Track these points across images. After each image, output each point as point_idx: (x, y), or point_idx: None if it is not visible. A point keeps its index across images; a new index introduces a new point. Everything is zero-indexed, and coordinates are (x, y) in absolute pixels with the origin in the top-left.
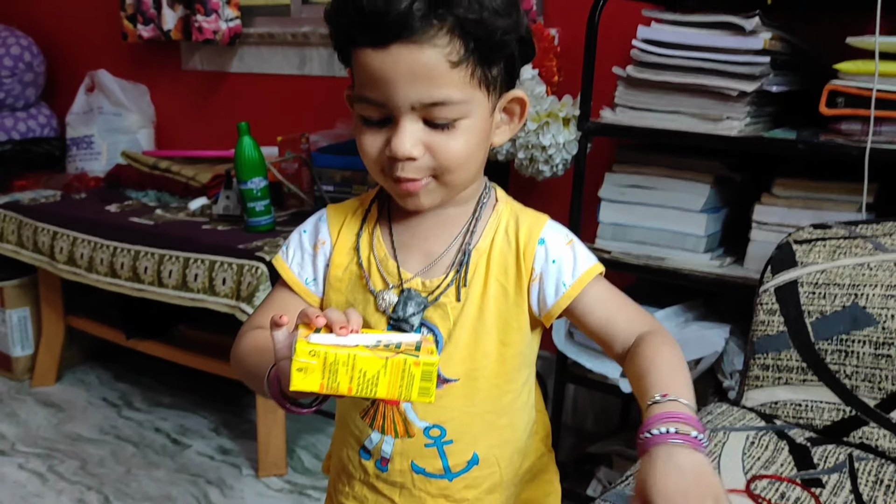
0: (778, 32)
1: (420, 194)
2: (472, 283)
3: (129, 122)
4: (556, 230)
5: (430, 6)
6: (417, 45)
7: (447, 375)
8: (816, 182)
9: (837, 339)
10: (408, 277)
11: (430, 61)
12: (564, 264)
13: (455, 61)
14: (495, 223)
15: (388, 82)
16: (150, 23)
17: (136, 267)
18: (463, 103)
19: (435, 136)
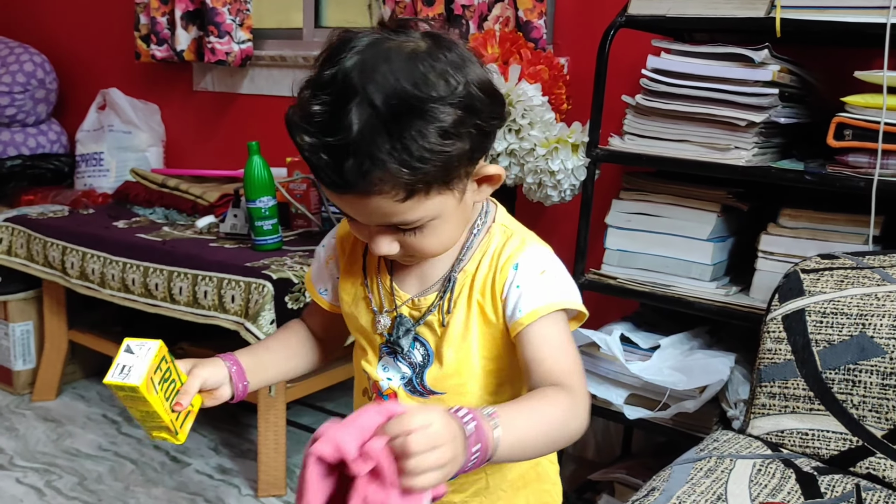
0: (786, 65)
1: (411, 265)
2: (457, 304)
3: (139, 140)
4: (534, 258)
5: (366, 169)
6: (364, 196)
7: (435, 389)
8: (823, 213)
9: (845, 368)
10: (402, 301)
11: (380, 205)
12: (526, 292)
13: (402, 199)
14: (485, 246)
15: (353, 213)
16: (163, 43)
17: (146, 283)
18: (423, 217)
19: (407, 238)
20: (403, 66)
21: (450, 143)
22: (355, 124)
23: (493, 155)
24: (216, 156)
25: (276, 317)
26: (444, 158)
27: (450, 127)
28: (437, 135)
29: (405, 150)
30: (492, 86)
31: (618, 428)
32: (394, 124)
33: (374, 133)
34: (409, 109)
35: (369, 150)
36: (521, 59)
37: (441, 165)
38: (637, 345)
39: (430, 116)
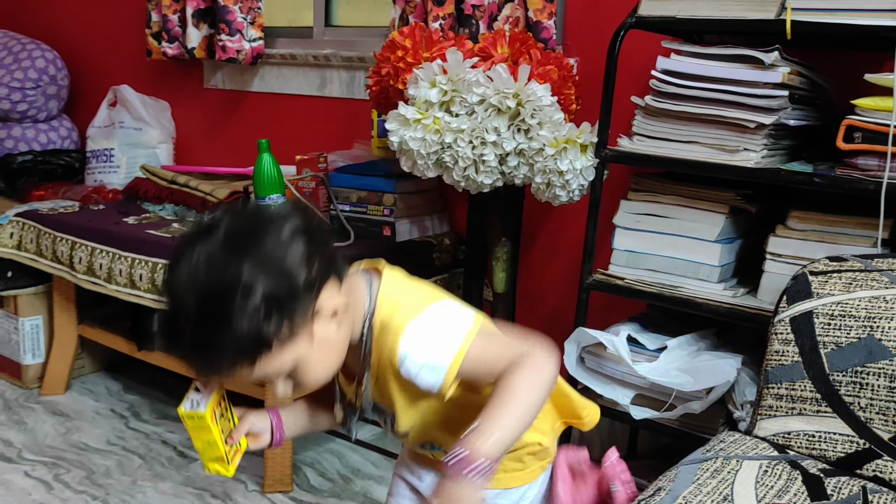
0: (797, 67)
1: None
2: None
3: (150, 136)
4: (409, 349)
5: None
6: (223, 377)
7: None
8: (832, 216)
9: (852, 370)
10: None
11: (238, 375)
12: (426, 373)
13: (249, 365)
14: (377, 343)
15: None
16: (174, 41)
17: (154, 279)
18: (282, 366)
19: (290, 378)
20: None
21: (254, 328)
22: (185, 337)
23: (502, 155)
24: (226, 153)
25: None
26: (253, 339)
27: (247, 320)
28: (239, 328)
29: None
30: (290, 253)
31: (623, 428)
32: (203, 334)
33: (197, 345)
34: (209, 319)
35: (199, 355)
36: (530, 59)
37: (255, 343)
38: (644, 346)
39: (227, 318)
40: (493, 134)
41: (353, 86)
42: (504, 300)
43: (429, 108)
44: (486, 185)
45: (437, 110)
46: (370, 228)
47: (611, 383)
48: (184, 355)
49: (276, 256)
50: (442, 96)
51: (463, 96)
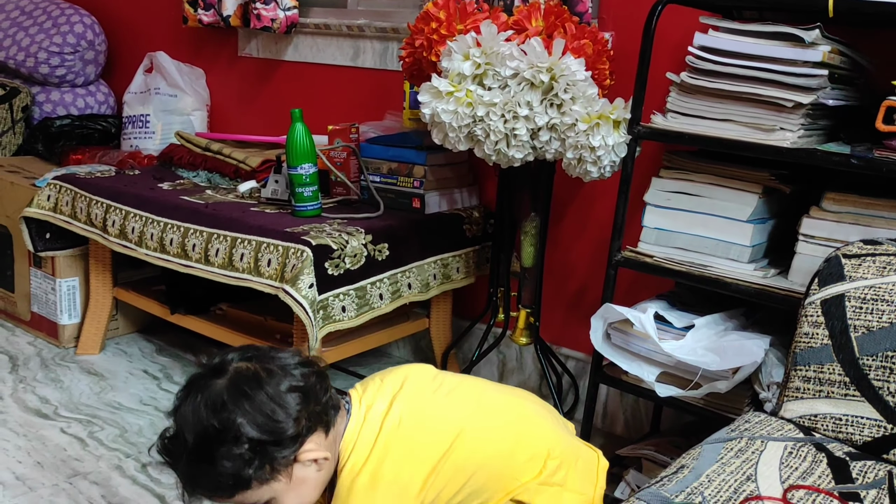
0: (837, 46)
1: None
2: None
3: (185, 103)
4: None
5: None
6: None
7: None
8: (868, 198)
9: (883, 355)
10: None
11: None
12: None
13: (228, 497)
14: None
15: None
16: (210, 8)
17: (184, 244)
18: (261, 499)
19: None
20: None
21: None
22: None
23: (534, 129)
24: (259, 121)
25: (315, 281)
26: (233, 480)
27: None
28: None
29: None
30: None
31: (647, 405)
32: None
33: (184, 480)
34: (198, 461)
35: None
36: (565, 32)
37: (235, 483)
38: (671, 324)
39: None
40: (526, 108)
41: (386, 57)
42: (532, 274)
43: (462, 81)
44: (517, 160)
45: (469, 83)
46: (400, 200)
47: (636, 360)
48: (176, 472)
49: (269, 409)
50: (475, 69)
51: (496, 69)
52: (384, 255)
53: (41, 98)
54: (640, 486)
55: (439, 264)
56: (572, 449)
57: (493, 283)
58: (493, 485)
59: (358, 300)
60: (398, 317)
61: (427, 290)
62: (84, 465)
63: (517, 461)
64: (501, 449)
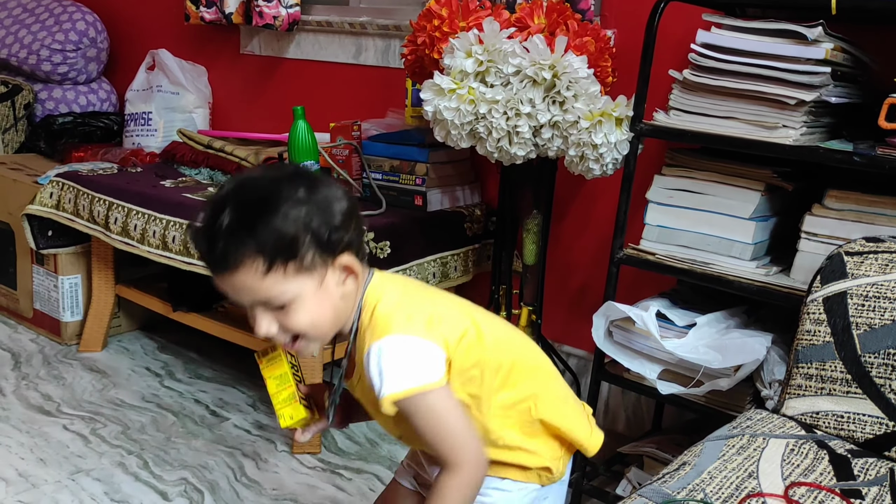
0: (840, 43)
1: (301, 350)
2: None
3: (186, 101)
4: (373, 357)
5: (233, 247)
6: (232, 273)
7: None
8: (870, 196)
9: (885, 353)
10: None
11: (246, 279)
12: (376, 380)
13: (264, 271)
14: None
15: (230, 293)
16: (212, 6)
17: (187, 241)
18: (285, 293)
19: (281, 317)
20: (264, 182)
21: (292, 228)
22: (223, 218)
23: (536, 126)
24: (261, 119)
25: None
26: (290, 233)
27: (293, 223)
28: (289, 217)
29: (263, 228)
30: (338, 204)
31: (649, 403)
32: (256, 211)
33: (235, 222)
34: (259, 204)
35: (231, 234)
36: (567, 30)
37: (287, 242)
38: (673, 322)
39: (281, 206)
40: (528, 105)
41: (389, 54)
42: (534, 272)
43: (464, 79)
44: (520, 157)
45: (472, 80)
46: (402, 197)
47: (638, 358)
48: (210, 240)
49: (328, 200)
50: (477, 66)
51: (498, 67)
52: (386, 253)
53: (43, 95)
54: (641, 484)
55: (438, 263)
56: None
57: (494, 280)
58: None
59: None
60: None
61: None
62: (86, 461)
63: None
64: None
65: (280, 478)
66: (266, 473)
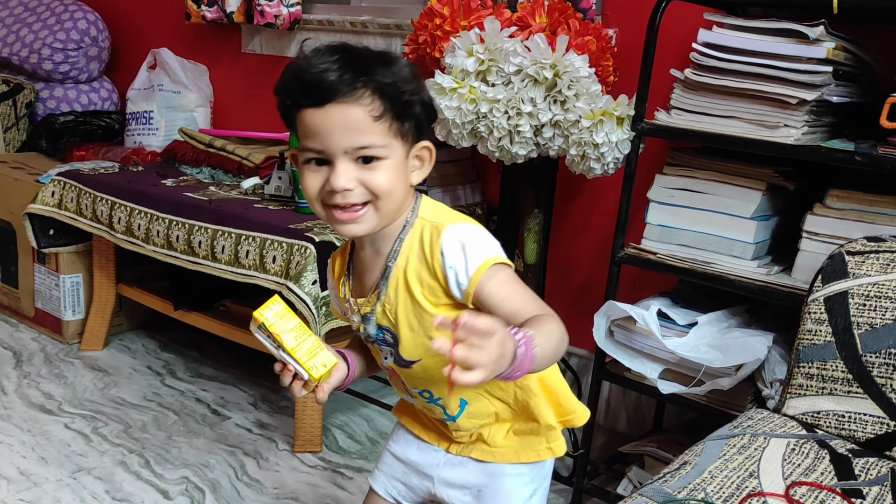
0: (842, 42)
1: (358, 221)
2: (396, 293)
3: (188, 100)
4: (450, 238)
5: (355, 75)
6: (346, 104)
7: (411, 359)
8: (872, 195)
9: (886, 352)
10: (361, 303)
11: (359, 115)
12: (458, 268)
13: (376, 116)
14: (411, 240)
15: (327, 133)
16: (213, 4)
17: (190, 240)
18: (384, 147)
19: (364, 173)
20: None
21: (416, 87)
22: (345, 55)
23: (537, 126)
24: (262, 118)
25: (318, 278)
26: (411, 89)
27: (418, 81)
28: (408, 77)
29: (387, 73)
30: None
31: (650, 402)
32: (379, 60)
33: (366, 59)
34: (388, 58)
35: (361, 66)
36: (568, 29)
37: (407, 97)
38: (674, 321)
39: (401, 66)
40: (529, 105)
41: None
42: (535, 271)
43: (465, 78)
44: (521, 156)
45: (473, 80)
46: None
47: (639, 357)
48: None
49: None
50: (479, 66)
51: (500, 66)
52: None
53: (45, 94)
54: (642, 483)
55: None
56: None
57: None
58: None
59: None
60: None
61: None
62: (88, 460)
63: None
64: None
65: (281, 476)
66: (267, 472)
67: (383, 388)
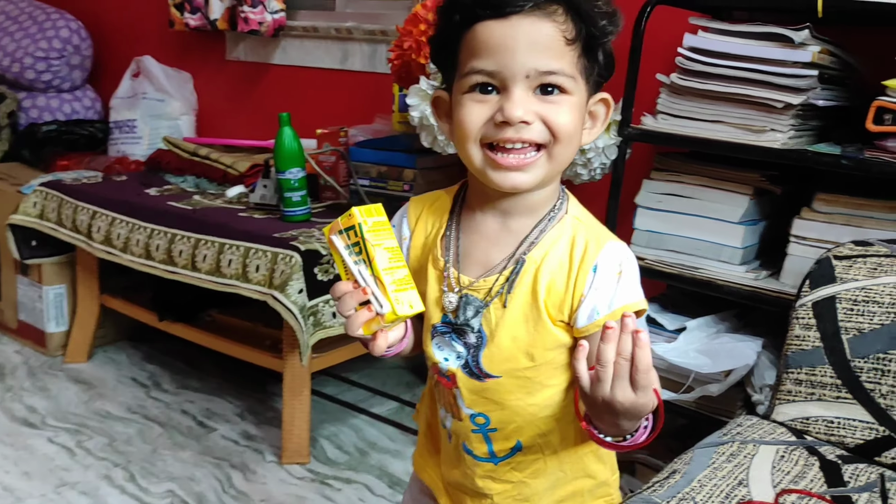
0: (827, 46)
1: (527, 168)
2: (519, 289)
3: (172, 108)
4: (610, 258)
5: None
6: (538, 18)
7: (490, 372)
8: (858, 199)
9: (874, 357)
10: (466, 283)
11: (549, 33)
12: (604, 293)
13: (570, 38)
14: (556, 235)
15: (507, 49)
16: (197, 12)
17: (171, 250)
18: (571, 78)
19: (545, 107)
20: None
21: (614, 18)
22: None
23: None
24: (247, 126)
25: (305, 287)
26: (608, 18)
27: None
28: (607, 3)
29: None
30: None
31: None
32: None
33: None
34: None
35: None
36: None
37: (602, 25)
38: (663, 326)
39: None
40: None
41: (375, 59)
42: None
43: None
44: None
45: None
46: (390, 203)
47: None
48: None
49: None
50: None
51: None
52: None
53: (27, 104)
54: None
55: None
56: None
57: None
58: None
59: None
60: None
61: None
62: (72, 474)
63: None
64: None
65: (268, 489)
66: (254, 485)
67: (372, 397)
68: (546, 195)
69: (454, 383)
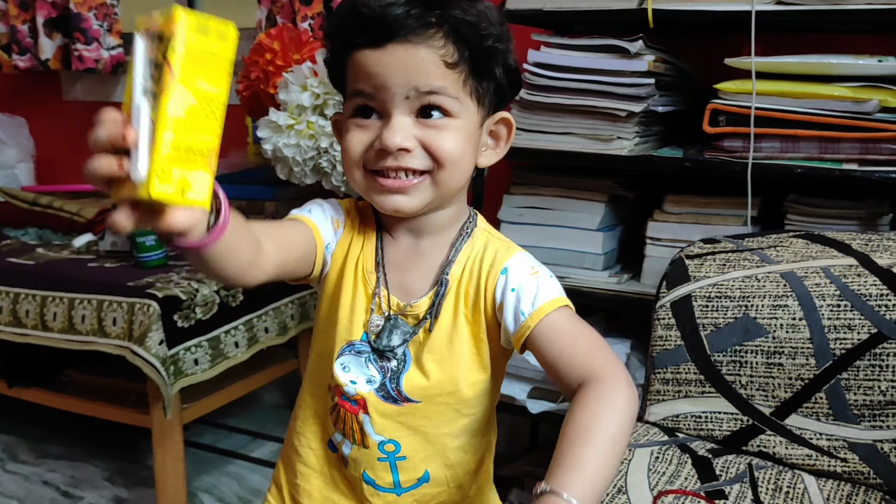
0: (661, 54)
1: (408, 192)
2: (445, 311)
3: (6, 156)
4: (521, 261)
5: (426, 9)
6: (413, 45)
7: (410, 396)
8: (704, 198)
9: (731, 350)
10: (395, 306)
11: (426, 58)
12: (524, 293)
13: (450, 63)
14: (470, 249)
15: (385, 74)
16: (26, 52)
17: (16, 311)
18: (455, 100)
19: (427, 132)
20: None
21: (502, 33)
22: None
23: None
24: None
25: (165, 337)
26: (497, 34)
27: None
28: (495, 20)
29: (470, 10)
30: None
31: (524, 421)
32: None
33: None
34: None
35: (427, 2)
36: None
37: (490, 43)
38: None
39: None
40: None
41: None
42: None
43: (301, 113)
44: None
45: (310, 114)
46: None
47: (507, 378)
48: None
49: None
50: (314, 100)
51: (336, 98)
52: (238, 301)
53: None
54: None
55: (297, 303)
56: None
57: None
58: None
59: (211, 351)
60: (263, 361)
61: (285, 333)
62: None
63: None
64: None
65: None
66: None
67: (252, 441)
68: (451, 214)
69: (362, 408)
